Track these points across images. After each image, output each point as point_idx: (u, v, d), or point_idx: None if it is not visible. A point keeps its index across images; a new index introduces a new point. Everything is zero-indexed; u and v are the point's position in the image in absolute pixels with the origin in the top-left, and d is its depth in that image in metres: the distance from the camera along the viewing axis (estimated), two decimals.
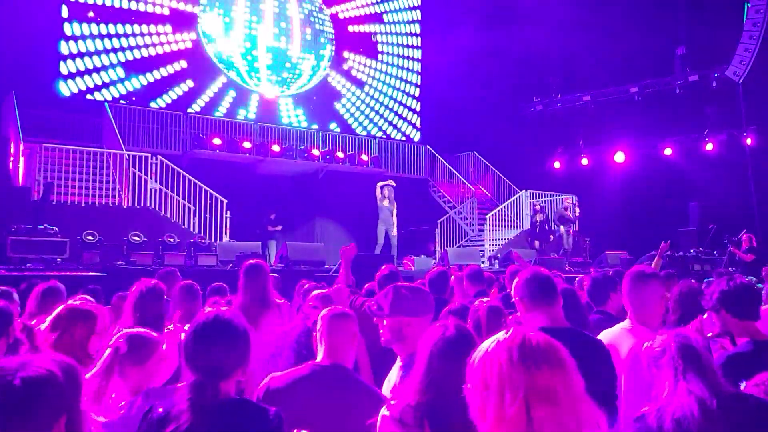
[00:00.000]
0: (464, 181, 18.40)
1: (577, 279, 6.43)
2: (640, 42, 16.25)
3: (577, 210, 16.87)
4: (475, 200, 17.79)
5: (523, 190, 17.28)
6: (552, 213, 16.43)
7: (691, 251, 13.40)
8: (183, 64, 16.35)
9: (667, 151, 17.47)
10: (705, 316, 3.31)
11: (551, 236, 15.71)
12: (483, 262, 14.40)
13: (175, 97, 16.22)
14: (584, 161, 18.88)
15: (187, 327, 2.36)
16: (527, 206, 16.83)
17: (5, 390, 1.42)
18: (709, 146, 16.82)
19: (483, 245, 16.24)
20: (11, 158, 11.80)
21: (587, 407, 1.44)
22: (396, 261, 12.18)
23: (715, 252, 13.51)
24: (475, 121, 18.80)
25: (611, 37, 16.30)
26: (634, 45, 16.31)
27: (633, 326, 3.19)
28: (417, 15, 20.80)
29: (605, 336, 3.22)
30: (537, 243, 15.34)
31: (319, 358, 2.75)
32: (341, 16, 19.12)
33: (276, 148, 15.81)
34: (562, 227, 15.66)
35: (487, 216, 16.62)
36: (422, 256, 13.65)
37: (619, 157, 18.14)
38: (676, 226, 15.23)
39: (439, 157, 18.86)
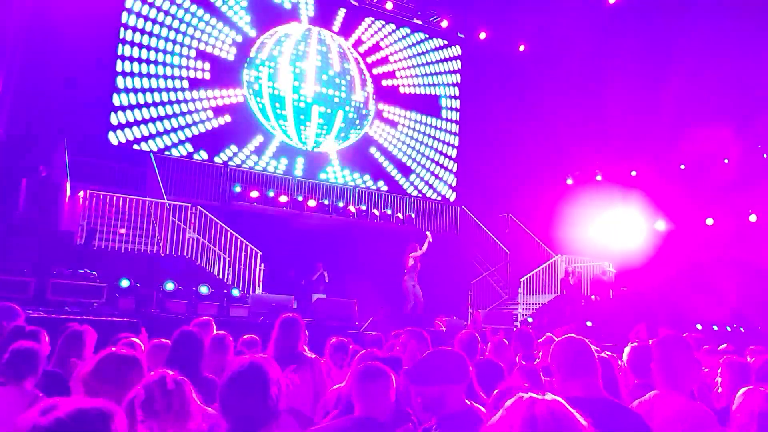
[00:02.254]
0: (498, 243, 18.26)
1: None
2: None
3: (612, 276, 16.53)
4: (509, 263, 17.60)
5: (558, 255, 17.06)
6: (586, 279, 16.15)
7: None
8: (227, 118, 16.89)
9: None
10: None
11: (583, 301, 15.34)
12: (516, 326, 14.12)
13: (217, 149, 16.69)
14: None
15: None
16: (562, 271, 16.57)
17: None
18: None
19: (516, 309, 15.97)
20: (60, 204, 12.18)
21: None
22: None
23: None
24: (511, 184, 18.81)
25: None
26: None
27: (663, 392, 3.09)
28: (457, 78, 21.19)
29: (638, 404, 3.11)
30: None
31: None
32: (375, 71, 19.56)
33: (312, 203, 16.03)
34: (594, 296, 15.29)
35: (521, 279, 16.39)
36: (454, 317, 13.46)
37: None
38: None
39: (474, 217, 18.83)
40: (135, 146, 15.58)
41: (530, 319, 14.46)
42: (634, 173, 18.38)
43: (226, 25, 17.17)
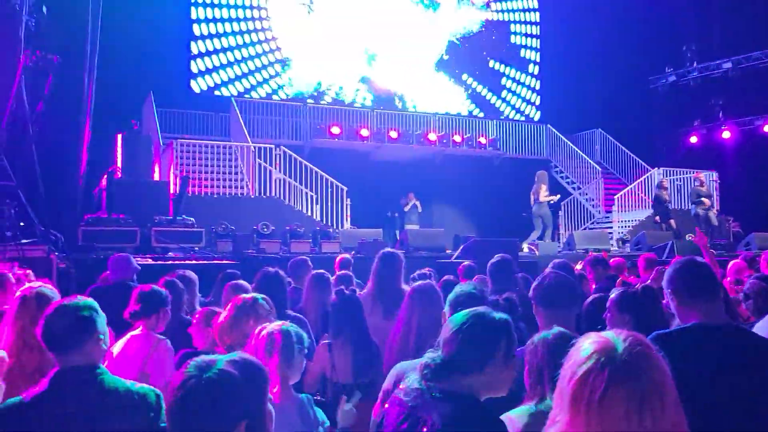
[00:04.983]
0: (589, 160, 17.52)
1: (730, 264, 5.89)
2: None
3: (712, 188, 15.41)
4: (602, 180, 16.91)
5: (655, 168, 16.18)
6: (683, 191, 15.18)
7: None
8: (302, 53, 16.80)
9: None
10: None
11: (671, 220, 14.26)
12: (612, 246, 13.68)
13: (296, 90, 16.72)
14: (725, 134, 17.34)
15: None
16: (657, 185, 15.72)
17: (189, 391, 1.43)
18: None
19: (611, 227, 15.43)
20: (154, 155, 12.66)
21: None
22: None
23: None
24: (599, 97, 17.84)
25: None
26: None
27: None
28: None
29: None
30: (673, 222, 14.06)
31: None
32: None
33: (393, 134, 15.87)
34: (698, 207, 14.20)
35: (616, 197, 15.75)
36: (546, 240, 13.17)
37: None
38: None
39: (561, 136, 18.08)
40: (216, 92, 15.85)
41: (627, 237, 13.91)
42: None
43: None
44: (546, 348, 2.24)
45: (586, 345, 1.39)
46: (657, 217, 14.05)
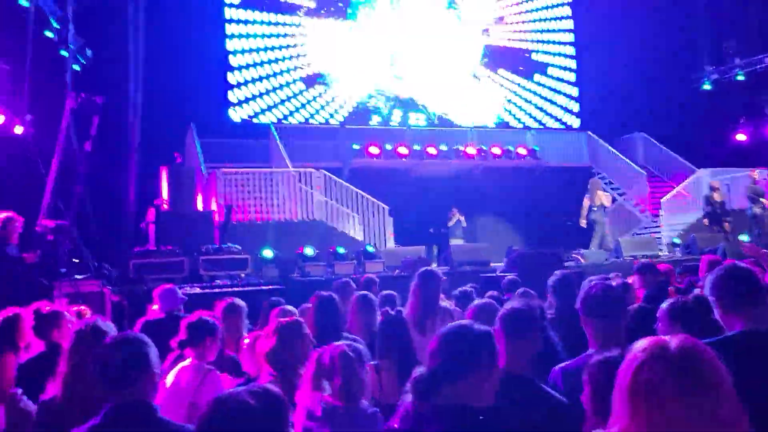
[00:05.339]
0: (632, 164, 17.16)
1: None
2: None
3: None
4: (647, 184, 16.55)
5: (702, 169, 15.74)
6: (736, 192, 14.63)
7: None
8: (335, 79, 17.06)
9: None
10: None
11: (726, 222, 13.72)
12: (661, 250, 13.34)
13: (333, 111, 16.96)
14: None
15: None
16: (708, 186, 15.27)
17: (211, 422, 1.52)
18: None
19: (659, 232, 15.06)
20: (198, 185, 12.99)
21: None
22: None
23: None
24: (639, 100, 17.52)
25: None
26: None
27: None
28: None
29: None
30: (726, 224, 13.52)
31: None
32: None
33: (432, 150, 15.92)
34: (755, 207, 13.54)
35: (662, 200, 15.38)
36: (592, 248, 12.94)
37: None
38: None
39: (602, 141, 17.79)
40: (254, 120, 16.20)
41: (677, 240, 13.51)
42: None
43: None
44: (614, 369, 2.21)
45: (639, 344, 1.44)
46: (705, 220, 13.63)
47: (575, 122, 19.34)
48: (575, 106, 19.46)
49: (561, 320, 3.98)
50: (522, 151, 16.87)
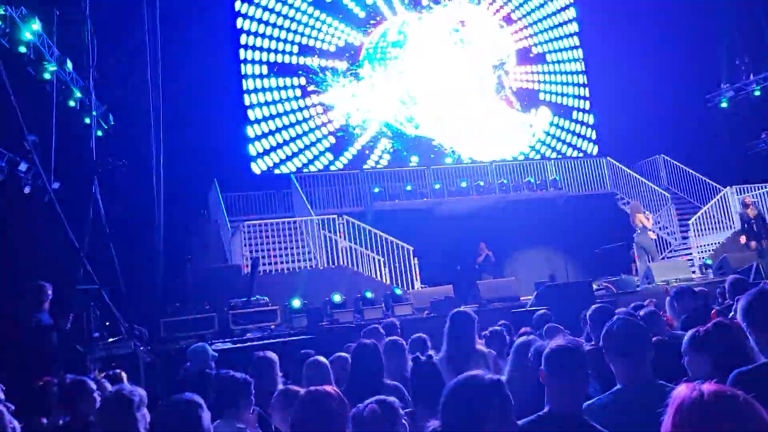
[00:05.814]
0: (656, 187, 16.98)
1: None
2: None
3: None
4: (673, 206, 16.33)
5: (728, 187, 15.51)
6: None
7: None
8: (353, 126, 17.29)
9: None
10: None
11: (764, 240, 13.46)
12: (693, 272, 13.08)
13: (350, 157, 17.14)
14: None
15: None
16: (735, 203, 15.04)
17: None
18: None
19: (690, 254, 14.79)
20: (224, 240, 13.15)
21: None
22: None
23: None
24: (657, 122, 17.45)
25: None
26: None
27: None
28: (575, 27, 20.04)
29: None
30: (753, 244, 13.35)
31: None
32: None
33: (453, 188, 15.95)
34: None
35: (690, 221, 15.15)
36: (621, 275, 12.72)
37: None
38: None
39: (622, 167, 17.68)
40: (276, 170, 16.43)
41: (709, 261, 13.26)
42: None
43: (337, 26, 17.53)
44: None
45: (673, 393, 1.44)
46: (742, 238, 13.35)
47: (594, 150, 19.29)
48: (592, 134, 19.44)
49: (598, 353, 3.90)
50: (543, 181, 16.83)
